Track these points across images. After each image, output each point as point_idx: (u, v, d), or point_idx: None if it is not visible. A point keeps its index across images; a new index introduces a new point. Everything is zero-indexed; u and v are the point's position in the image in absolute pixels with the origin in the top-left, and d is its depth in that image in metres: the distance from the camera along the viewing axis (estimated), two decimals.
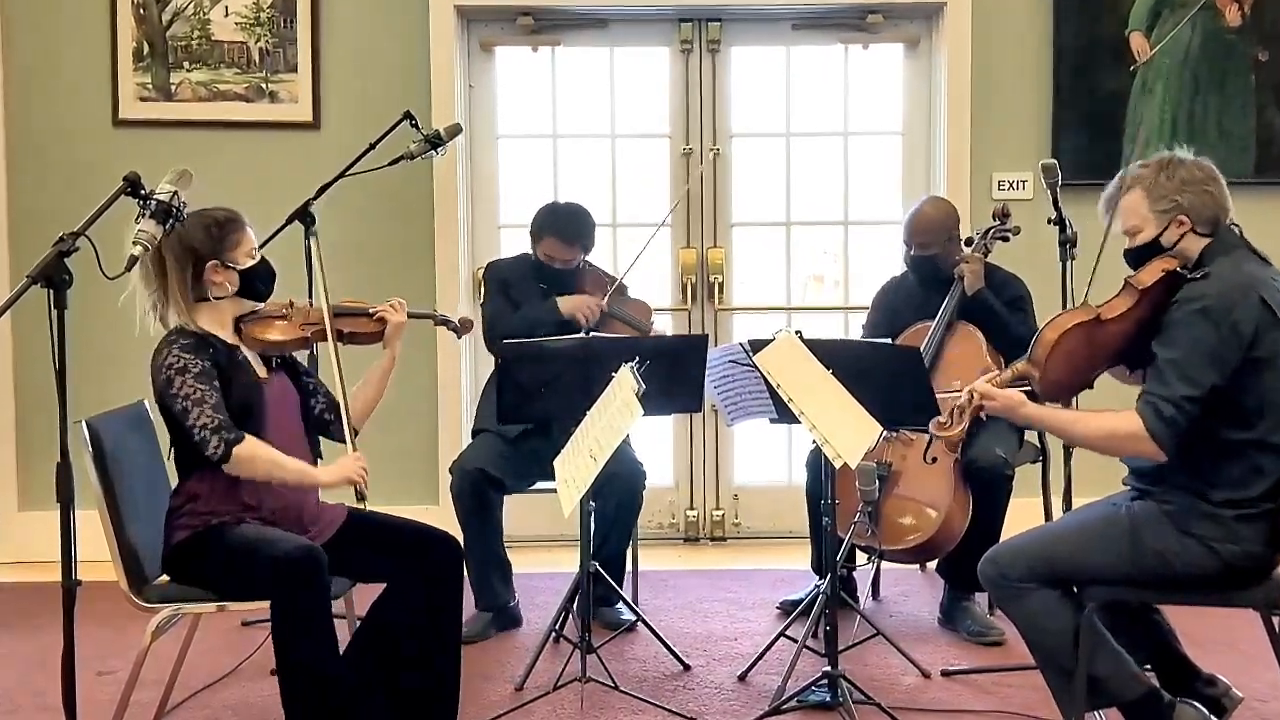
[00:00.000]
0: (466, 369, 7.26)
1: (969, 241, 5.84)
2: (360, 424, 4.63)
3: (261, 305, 4.46)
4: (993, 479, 5.44)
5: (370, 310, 4.68)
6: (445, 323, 5.09)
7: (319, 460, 4.62)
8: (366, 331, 4.67)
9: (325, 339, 4.49)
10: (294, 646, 4.02)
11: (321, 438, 4.65)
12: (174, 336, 4.22)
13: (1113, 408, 3.99)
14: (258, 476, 4.20)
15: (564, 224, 5.91)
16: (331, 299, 4.61)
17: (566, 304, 5.81)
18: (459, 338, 5.32)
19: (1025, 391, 4.06)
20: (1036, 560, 4.02)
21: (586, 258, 6.02)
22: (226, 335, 4.35)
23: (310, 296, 4.66)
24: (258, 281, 4.42)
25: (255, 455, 4.15)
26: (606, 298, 5.84)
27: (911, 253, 5.88)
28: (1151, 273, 3.97)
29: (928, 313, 5.77)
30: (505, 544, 5.82)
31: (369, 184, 5.95)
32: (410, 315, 4.74)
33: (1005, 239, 5.85)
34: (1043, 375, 4.00)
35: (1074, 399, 4.46)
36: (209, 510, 4.20)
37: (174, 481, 4.34)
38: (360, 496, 4.34)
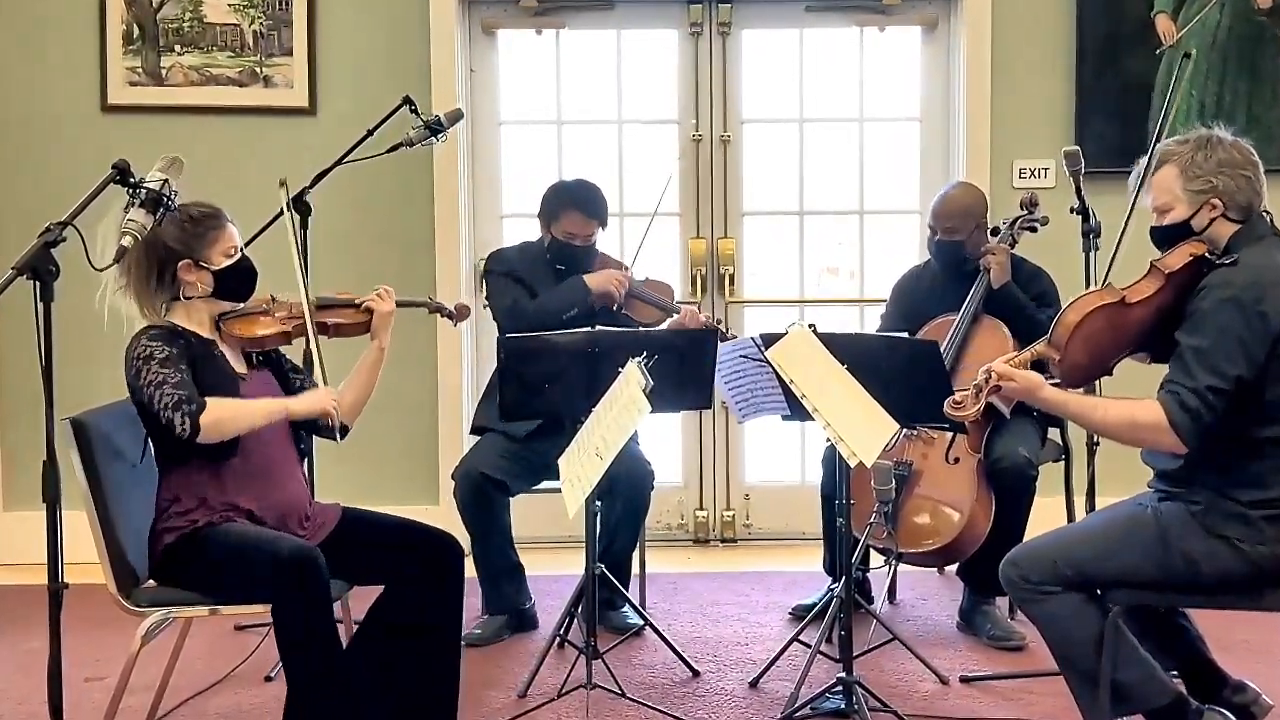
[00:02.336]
0: (468, 367, 7.25)
1: (995, 231, 5.82)
2: (351, 420, 4.61)
3: (241, 304, 4.46)
4: (1017, 479, 5.42)
5: (357, 301, 4.67)
6: (439, 310, 5.08)
7: (306, 460, 4.63)
8: (352, 323, 4.66)
9: (307, 333, 4.48)
10: (298, 648, 4.03)
11: (316, 438, 4.67)
12: (145, 328, 4.23)
13: (1133, 396, 3.98)
14: (237, 433, 4.19)
15: (584, 198, 5.90)
16: (320, 291, 4.61)
17: (595, 280, 5.78)
18: (454, 324, 5.31)
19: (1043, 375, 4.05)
20: (1060, 562, 4.00)
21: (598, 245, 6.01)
22: (203, 331, 4.34)
23: (304, 290, 4.65)
24: (235, 282, 4.38)
25: (221, 417, 4.12)
26: (633, 264, 5.81)
27: (937, 238, 5.85)
28: (1179, 256, 3.95)
29: (950, 305, 5.75)
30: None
31: (367, 172, 5.96)
32: (400, 304, 4.74)
33: (1033, 229, 5.82)
34: (1063, 358, 3.97)
35: (1097, 386, 4.46)
36: (195, 511, 4.19)
37: None
38: (338, 431, 4.39)
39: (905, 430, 5.42)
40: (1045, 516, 5.31)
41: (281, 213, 5.09)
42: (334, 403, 4.36)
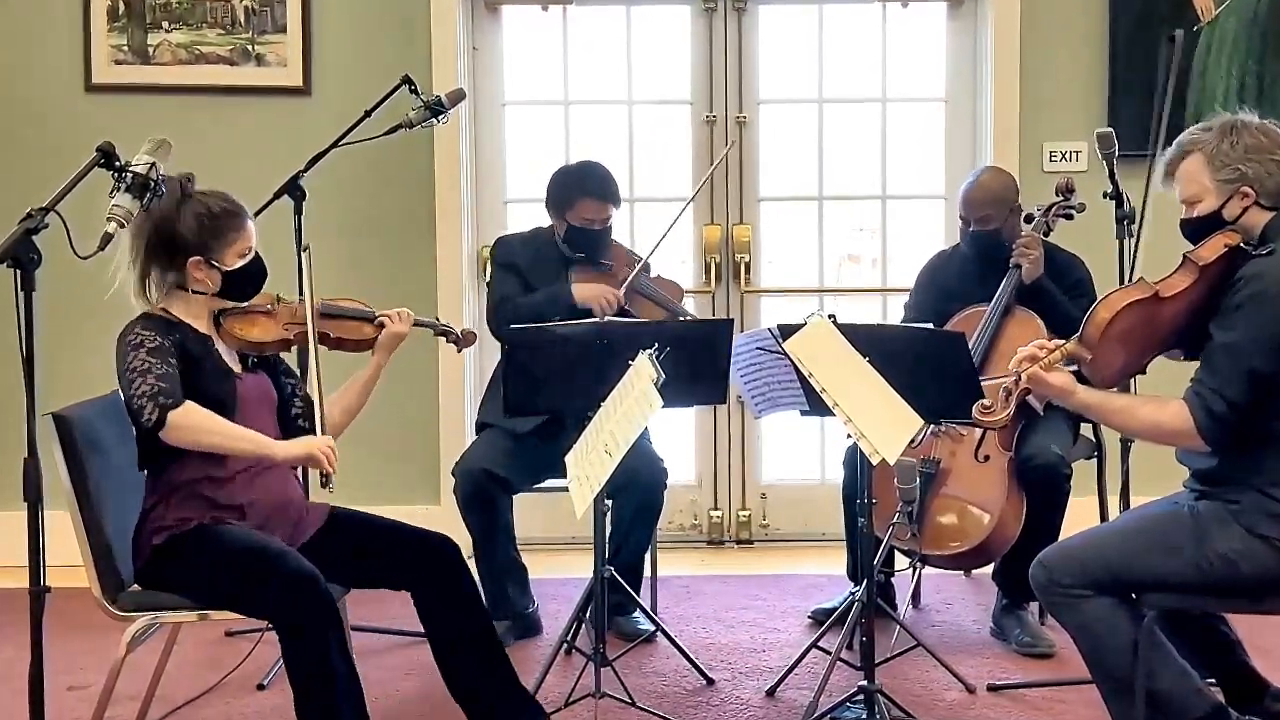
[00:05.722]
0: (470, 359, 7.24)
1: (1029, 218, 5.80)
2: (336, 436, 4.60)
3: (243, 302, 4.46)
4: (1049, 479, 5.40)
5: (373, 315, 4.68)
6: (446, 333, 5.05)
7: (297, 468, 4.64)
8: (356, 339, 4.66)
9: (309, 341, 4.48)
10: (303, 666, 4.06)
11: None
12: (141, 316, 4.25)
13: (1165, 387, 3.98)
14: (200, 446, 4.15)
15: (596, 183, 5.90)
16: (326, 295, 4.60)
17: (582, 291, 5.78)
18: (459, 350, 5.24)
19: (1074, 374, 4.04)
20: (1091, 564, 4.00)
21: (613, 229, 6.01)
22: (200, 326, 4.35)
23: (299, 287, 4.66)
24: (242, 284, 4.40)
25: (195, 424, 4.11)
26: (627, 281, 5.80)
27: (971, 229, 5.84)
28: (1213, 248, 3.94)
29: (981, 293, 5.73)
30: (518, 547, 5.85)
31: (364, 155, 5.96)
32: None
33: (1068, 216, 5.80)
34: (1094, 357, 3.96)
35: (1131, 381, 4.46)
36: (186, 510, 4.20)
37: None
38: (325, 481, 4.30)
39: (932, 427, 5.42)
40: (1078, 516, 5.30)
41: (280, 195, 5.11)
42: (327, 451, 4.28)
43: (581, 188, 5.88)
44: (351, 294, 4.81)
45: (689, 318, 5.93)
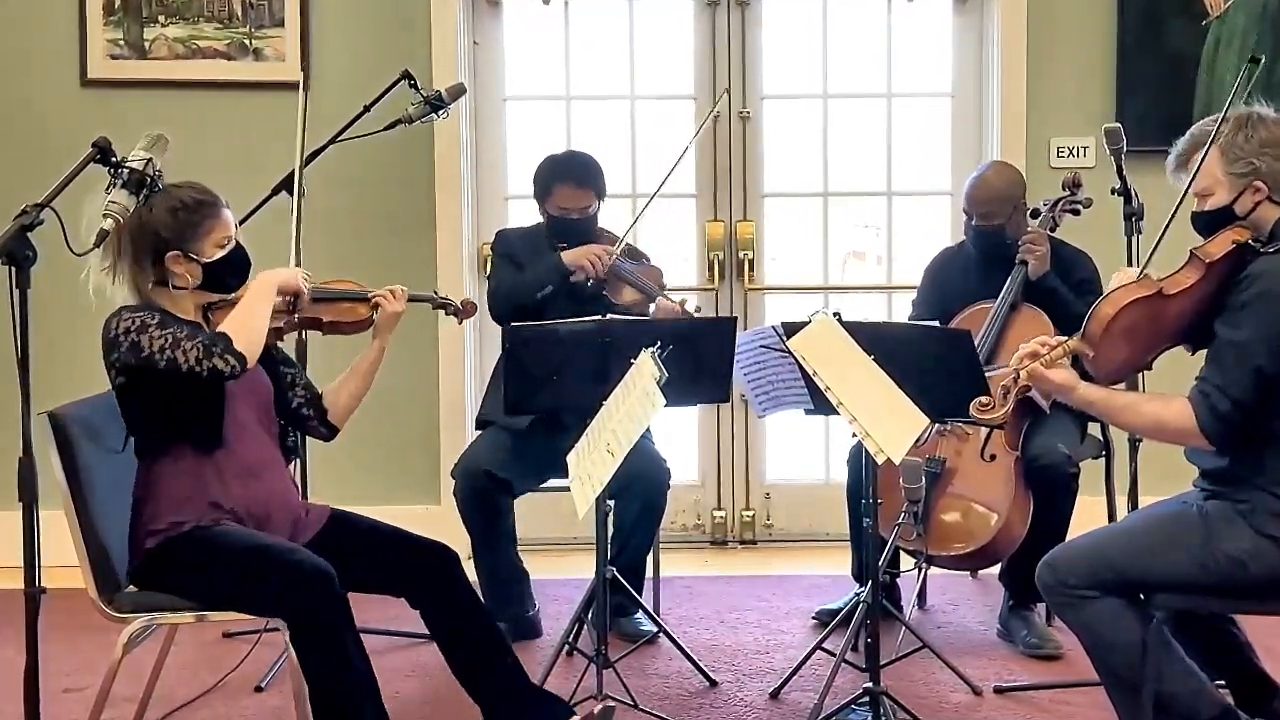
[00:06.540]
0: (471, 356, 7.24)
1: (1035, 213, 5.79)
2: (342, 422, 4.63)
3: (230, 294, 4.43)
4: (1056, 478, 5.40)
5: (368, 294, 4.67)
6: (444, 306, 5.06)
7: (293, 458, 4.64)
8: (351, 320, 4.65)
9: (302, 328, 4.47)
10: (322, 665, 4.06)
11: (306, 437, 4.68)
12: (122, 307, 4.17)
13: (1167, 392, 3.98)
14: (263, 339, 4.22)
15: (572, 168, 5.92)
16: (318, 281, 4.60)
17: (570, 254, 5.78)
18: (459, 322, 5.28)
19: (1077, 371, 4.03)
20: (1099, 564, 3.99)
21: (599, 219, 5.99)
22: (189, 319, 4.30)
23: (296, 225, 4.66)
24: (225, 275, 4.33)
25: (249, 339, 4.14)
26: (618, 247, 5.79)
27: (974, 224, 5.83)
28: (1220, 244, 3.92)
29: (985, 290, 5.73)
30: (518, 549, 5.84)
31: (363, 151, 5.95)
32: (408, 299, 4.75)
33: (1075, 212, 5.80)
34: (1097, 354, 3.94)
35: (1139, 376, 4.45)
36: (180, 512, 4.18)
37: None
38: (301, 302, 4.46)
39: (938, 426, 5.41)
40: (1086, 517, 5.30)
41: (278, 191, 5.10)
42: (305, 280, 4.46)
43: (558, 174, 5.90)
44: None
45: (662, 295, 5.87)
